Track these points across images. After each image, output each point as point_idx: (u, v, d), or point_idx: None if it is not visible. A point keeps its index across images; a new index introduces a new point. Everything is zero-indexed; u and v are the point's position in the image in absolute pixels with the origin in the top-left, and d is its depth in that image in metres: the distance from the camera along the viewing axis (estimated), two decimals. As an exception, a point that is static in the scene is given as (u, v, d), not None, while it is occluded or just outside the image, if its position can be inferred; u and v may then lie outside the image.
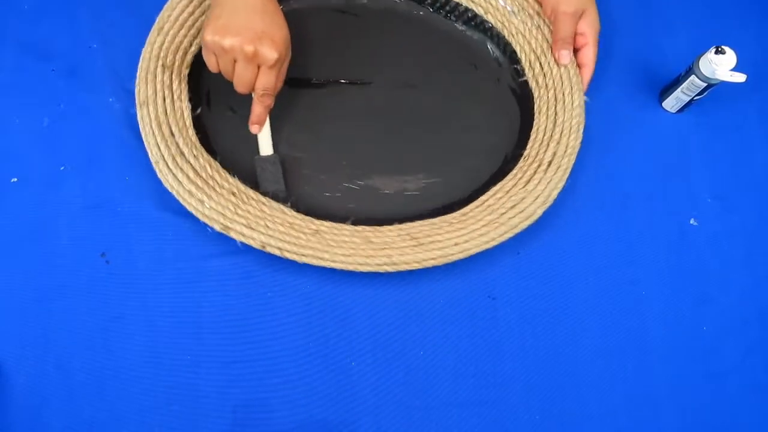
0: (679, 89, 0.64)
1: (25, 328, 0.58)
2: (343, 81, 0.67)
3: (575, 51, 0.65)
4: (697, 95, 0.64)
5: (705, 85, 0.62)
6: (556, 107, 0.64)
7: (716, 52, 0.60)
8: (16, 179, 0.63)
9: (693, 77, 0.62)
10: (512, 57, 0.68)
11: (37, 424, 0.56)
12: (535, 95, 0.66)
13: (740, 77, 0.60)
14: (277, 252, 0.58)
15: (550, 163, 0.62)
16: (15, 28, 0.68)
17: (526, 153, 0.63)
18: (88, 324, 0.59)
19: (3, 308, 0.59)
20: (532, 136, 0.64)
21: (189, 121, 0.62)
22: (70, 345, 0.58)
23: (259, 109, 0.59)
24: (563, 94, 0.64)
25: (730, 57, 0.60)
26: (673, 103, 0.67)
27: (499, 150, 0.65)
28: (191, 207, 0.59)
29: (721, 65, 0.60)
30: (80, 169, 0.63)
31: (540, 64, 0.66)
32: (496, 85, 0.68)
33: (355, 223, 0.60)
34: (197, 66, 0.65)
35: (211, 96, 0.65)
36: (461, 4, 0.69)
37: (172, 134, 0.60)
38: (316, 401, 0.57)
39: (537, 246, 0.63)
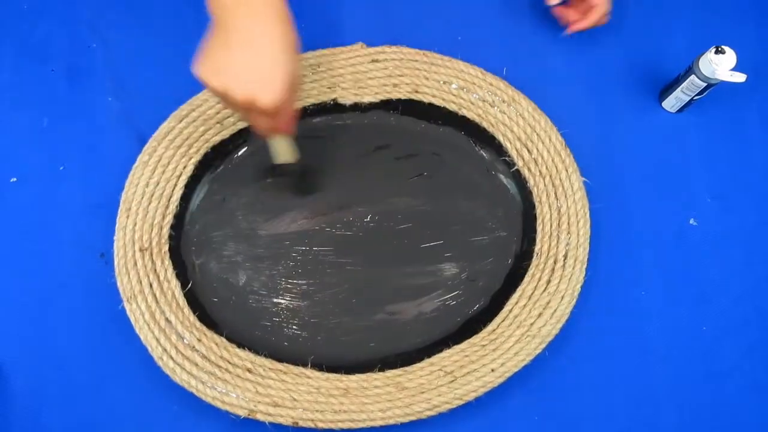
0: (679, 89, 0.64)
1: (25, 328, 0.59)
2: (328, 214, 0.62)
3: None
4: (696, 95, 0.64)
5: (705, 84, 0.62)
6: (555, 194, 0.61)
7: (716, 52, 0.60)
8: (15, 179, 0.63)
9: (693, 77, 0.62)
10: (498, 148, 0.64)
11: (36, 424, 0.56)
12: (531, 183, 0.62)
13: (740, 77, 0.60)
14: (311, 425, 0.54)
15: (565, 257, 0.59)
16: (15, 28, 0.68)
17: (537, 249, 0.60)
18: (88, 324, 0.59)
19: (3, 308, 0.59)
20: (539, 229, 0.61)
21: (182, 301, 0.57)
22: (70, 345, 0.58)
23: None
24: (560, 179, 0.61)
25: (729, 57, 0.60)
26: (672, 102, 0.67)
27: (508, 246, 0.62)
28: (209, 398, 0.54)
29: (720, 65, 0.60)
30: (80, 169, 0.63)
31: (527, 150, 0.62)
32: (489, 179, 0.63)
33: (383, 368, 0.56)
34: (175, 239, 0.60)
35: (197, 266, 0.60)
36: (435, 105, 0.64)
37: (169, 321, 0.56)
38: None
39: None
